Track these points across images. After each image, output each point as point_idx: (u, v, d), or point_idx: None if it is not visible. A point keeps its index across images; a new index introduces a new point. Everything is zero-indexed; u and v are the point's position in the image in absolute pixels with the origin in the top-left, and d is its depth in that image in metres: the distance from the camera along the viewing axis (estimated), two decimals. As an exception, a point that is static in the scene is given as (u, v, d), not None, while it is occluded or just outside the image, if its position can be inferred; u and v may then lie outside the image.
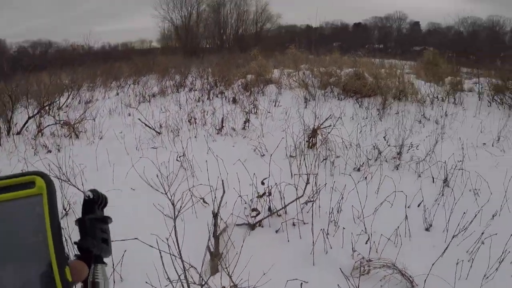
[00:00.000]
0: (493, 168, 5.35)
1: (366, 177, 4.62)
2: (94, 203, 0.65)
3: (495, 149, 6.21)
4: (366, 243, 3.21)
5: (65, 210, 4.04)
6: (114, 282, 3.00)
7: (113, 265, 2.84)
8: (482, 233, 3.23)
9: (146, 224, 3.48)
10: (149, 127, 7.03)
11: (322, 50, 17.37)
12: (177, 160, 5.16)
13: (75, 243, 0.63)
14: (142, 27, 75.99)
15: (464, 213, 3.52)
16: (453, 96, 10.27)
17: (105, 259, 0.65)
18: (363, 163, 4.99)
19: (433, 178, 4.76)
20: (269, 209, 3.79)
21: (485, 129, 7.13)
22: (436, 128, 6.83)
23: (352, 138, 5.76)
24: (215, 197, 3.81)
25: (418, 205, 3.94)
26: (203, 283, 2.54)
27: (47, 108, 9.18)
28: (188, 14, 46.71)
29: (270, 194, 3.77)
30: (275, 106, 9.00)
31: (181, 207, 3.20)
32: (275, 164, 4.47)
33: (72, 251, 0.94)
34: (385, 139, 5.57)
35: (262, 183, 3.81)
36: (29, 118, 7.87)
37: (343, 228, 3.34)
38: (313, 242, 3.21)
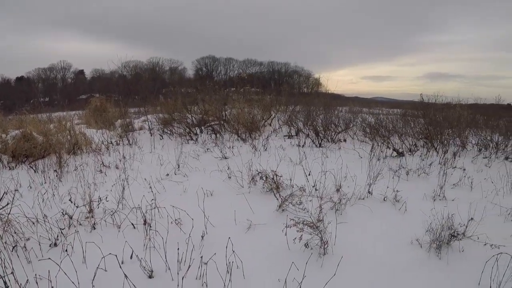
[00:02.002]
0: (183, 194, 5.76)
1: (66, 250, 4.02)
2: None
3: (179, 176, 6.68)
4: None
5: None
6: None
7: None
8: (201, 257, 3.44)
9: None
10: None
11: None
12: None
13: None
14: None
15: (178, 248, 3.60)
16: (126, 138, 10.57)
17: None
18: (57, 235, 4.35)
19: (133, 225, 4.60)
20: None
21: (164, 162, 7.57)
22: (119, 174, 6.77)
23: (36, 211, 5.02)
24: None
25: (131, 257, 3.74)
26: None
27: None
28: None
29: None
30: None
31: None
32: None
33: None
34: (71, 201, 5.09)
35: None
36: None
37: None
38: None
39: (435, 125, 10.02)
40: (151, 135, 11.44)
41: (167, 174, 6.84)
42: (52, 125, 10.81)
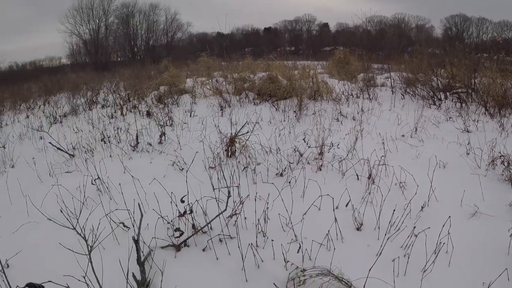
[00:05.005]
0: (415, 159, 5.45)
1: (290, 182, 4.43)
2: None
3: (414, 140, 6.38)
4: (298, 251, 3.08)
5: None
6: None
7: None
8: (414, 227, 3.21)
9: (59, 263, 3.14)
10: (61, 150, 6.27)
11: (234, 56, 17.35)
12: (92, 183, 4.62)
13: None
14: (49, 43, 72.39)
15: (394, 210, 3.51)
16: (367, 92, 10.66)
17: None
18: (285, 167, 4.84)
19: (357, 176, 4.70)
20: (193, 226, 3.52)
21: (402, 122, 7.36)
22: (355, 125, 6.92)
23: (272, 143, 5.68)
24: (134, 220, 3.56)
25: (346, 205, 3.82)
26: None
27: None
28: (96, 27, 45.31)
29: (191, 211, 3.53)
30: (190, 116, 8.74)
31: (96, 237, 2.96)
32: (194, 177, 4.35)
33: None
34: (304, 141, 5.53)
35: (182, 201, 3.57)
36: None
37: (272, 240, 3.17)
38: (242, 258, 3.03)
39: None
40: (392, 93, 11.23)
41: (403, 135, 6.66)
42: (296, 71, 11.68)
